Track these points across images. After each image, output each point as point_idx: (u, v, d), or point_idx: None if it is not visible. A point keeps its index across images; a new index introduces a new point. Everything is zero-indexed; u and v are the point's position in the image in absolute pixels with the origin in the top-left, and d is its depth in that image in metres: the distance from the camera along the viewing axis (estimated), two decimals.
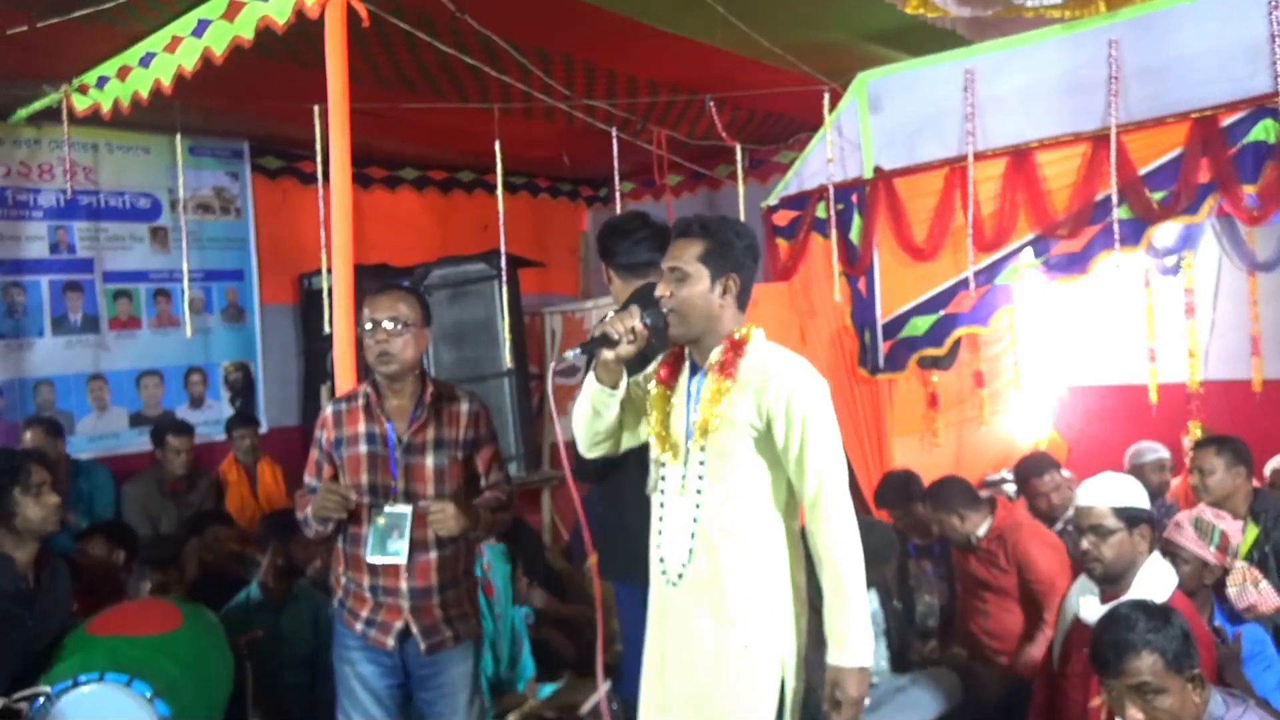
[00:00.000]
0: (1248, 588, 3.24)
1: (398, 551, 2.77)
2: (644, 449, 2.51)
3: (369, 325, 2.78)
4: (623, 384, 2.39)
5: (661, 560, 2.39)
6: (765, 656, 2.29)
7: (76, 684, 2.58)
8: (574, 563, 5.08)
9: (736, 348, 2.32)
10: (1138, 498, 2.86)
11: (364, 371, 3.01)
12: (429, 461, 2.82)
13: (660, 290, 2.33)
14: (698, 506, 2.31)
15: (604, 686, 2.67)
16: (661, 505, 2.40)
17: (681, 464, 2.34)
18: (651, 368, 2.52)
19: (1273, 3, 3.66)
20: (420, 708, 2.97)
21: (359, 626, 2.84)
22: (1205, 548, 3.19)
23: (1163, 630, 2.29)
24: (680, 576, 2.33)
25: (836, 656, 2.23)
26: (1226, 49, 3.80)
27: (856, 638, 2.22)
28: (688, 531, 2.32)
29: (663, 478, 2.40)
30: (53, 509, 2.91)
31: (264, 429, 6.00)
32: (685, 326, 2.32)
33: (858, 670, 2.22)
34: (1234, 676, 2.82)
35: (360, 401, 2.86)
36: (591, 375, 2.38)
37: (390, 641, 2.83)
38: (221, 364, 6.19)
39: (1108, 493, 2.86)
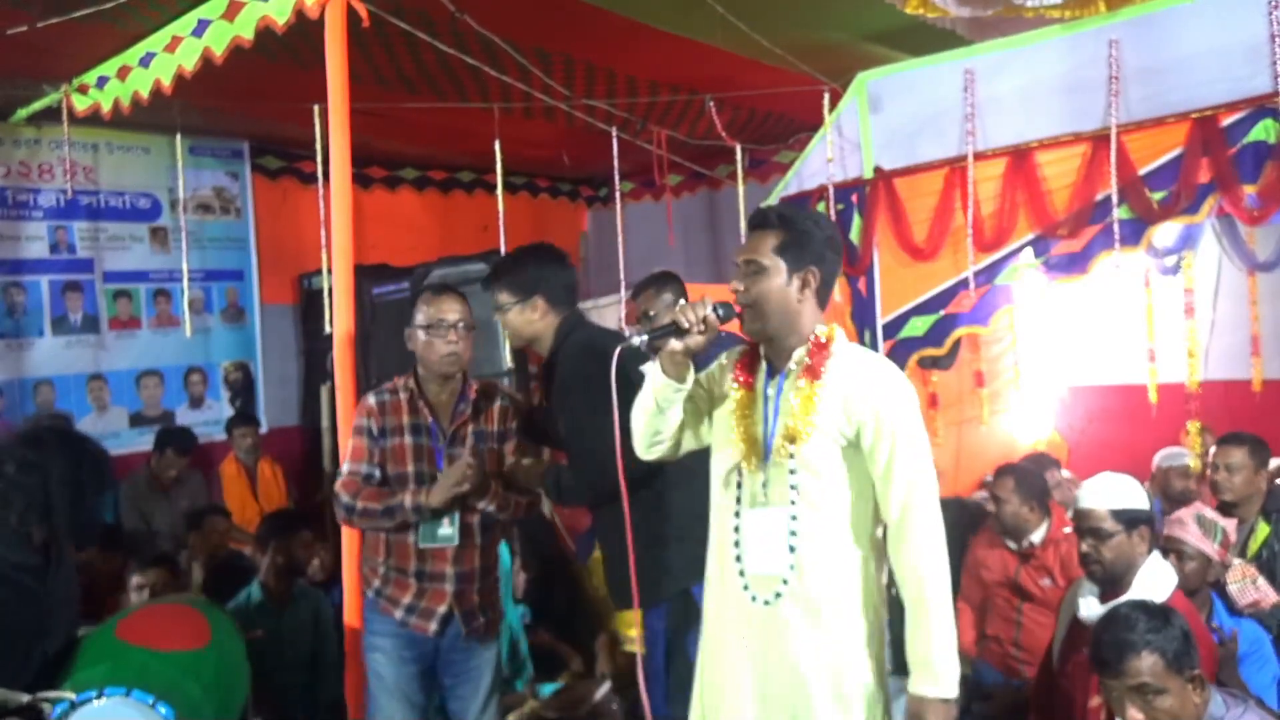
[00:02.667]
0: (1248, 584, 3.25)
1: (450, 536, 2.91)
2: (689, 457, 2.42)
3: (436, 324, 2.90)
4: (689, 379, 2.23)
5: (742, 574, 2.21)
6: (872, 669, 2.19)
7: (102, 695, 2.59)
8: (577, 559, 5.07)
9: (822, 349, 2.19)
10: (1136, 499, 2.86)
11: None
12: (463, 451, 2.96)
13: (734, 284, 2.21)
14: (794, 519, 2.16)
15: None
16: (737, 515, 2.23)
17: (762, 473, 2.20)
18: (714, 367, 2.39)
19: (1273, 3, 3.66)
20: (444, 694, 3.04)
21: (399, 614, 2.92)
22: (1210, 544, 3.18)
23: (1163, 630, 2.29)
24: (777, 595, 2.16)
25: (920, 685, 2.07)
26: (1226, 49, 3.79)
27: (943, 665, 2.06)
28: (784, 545, 2.16)
29: (739, 486, 2.23)
30: None
31: (264, 429, 6.01)
32: (760, 322, 2.19)
33: (942, 702, 2.06)
34: (1230, 675, 2.83)
35: (404, 395, 2.97)
36: (656, 368, 2.22)
37: (433, 627, 2.92)
38: (221, 364, 6.19)
39: (1106, 495, 2.86)
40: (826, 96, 4.86)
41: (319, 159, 4.29)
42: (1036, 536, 3.83)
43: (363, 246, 5.46)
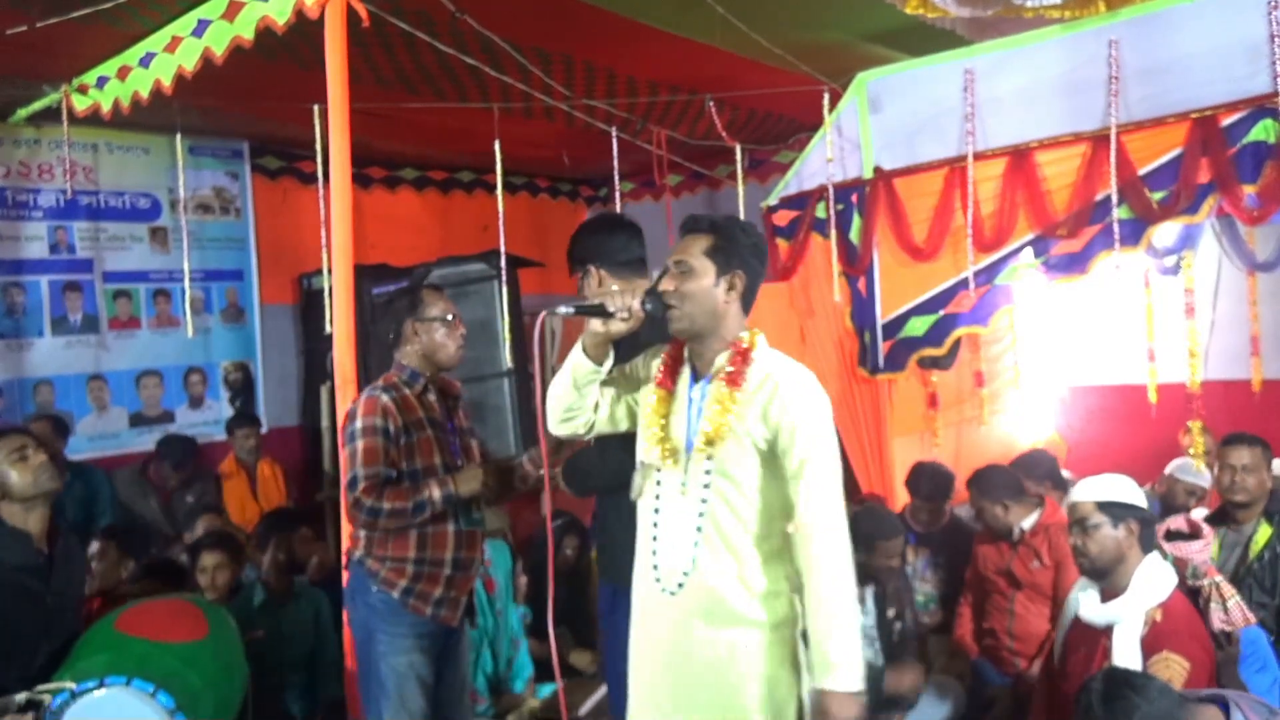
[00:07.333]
0: (1212, 606, 3.14)
1: (481, 520, 3.01)
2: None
3: (450, 318, 2.97)
4: (607, 364, 2.36)
5: (656, 568, 2.33)
6: (781, 659, 2.25)
7: (103, 684, 2.59)
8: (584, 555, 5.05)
9: (744, 356, 2.28)
10: (1125, 494, 2.87)
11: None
12: (473, 441, 3.09)
13: (665, 284, 2.30)
14: (701, 515, 2.26)
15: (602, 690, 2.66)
16: (656, 511, 2.34)
17: (682, 471, 2.29)
18: (640, 360, 2.46)
19: (1273, 3, 3.66)
20: (436, 682, 3.01)
21: (429, 609, 2.91)
22: None
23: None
24: (680, 586, 2.28)
25: (823, 679, 2.14)
26: (1226, 49, 3.80)
27: (845, 660, 2.13)
28: (690, 540, 2.27)
29: (658, 483, 2.34)
30: (41, 466, 2.88)
31: (264, 429, 6.01)
32: (688, 321, 2.28)
33: (847, 695, 2.12)
34: (1230, 677, 2.83)
35: (410, 390, 2.96)
36: (578, 347, 2.34)
37: (458, 616, 2.96)
38: (221, 364, 6.19)
39: (1094, 488, 2.90)
40: (826, 96, 4.87)
41: (319, 159, 4.29)
42: (1027, 524, 3.98)
43: (363, 246, 5.46)
